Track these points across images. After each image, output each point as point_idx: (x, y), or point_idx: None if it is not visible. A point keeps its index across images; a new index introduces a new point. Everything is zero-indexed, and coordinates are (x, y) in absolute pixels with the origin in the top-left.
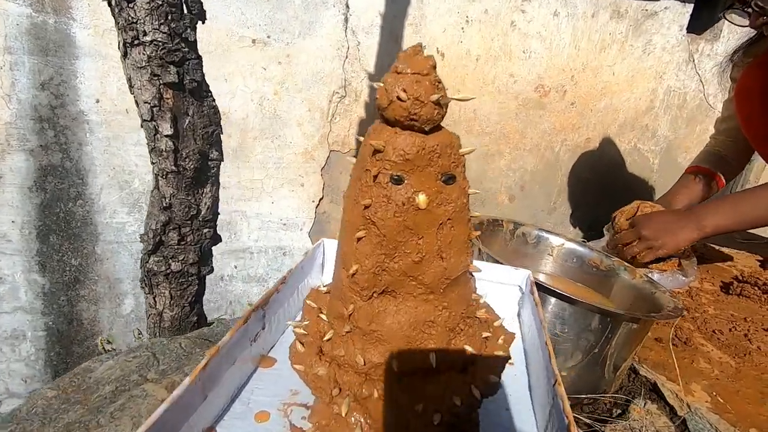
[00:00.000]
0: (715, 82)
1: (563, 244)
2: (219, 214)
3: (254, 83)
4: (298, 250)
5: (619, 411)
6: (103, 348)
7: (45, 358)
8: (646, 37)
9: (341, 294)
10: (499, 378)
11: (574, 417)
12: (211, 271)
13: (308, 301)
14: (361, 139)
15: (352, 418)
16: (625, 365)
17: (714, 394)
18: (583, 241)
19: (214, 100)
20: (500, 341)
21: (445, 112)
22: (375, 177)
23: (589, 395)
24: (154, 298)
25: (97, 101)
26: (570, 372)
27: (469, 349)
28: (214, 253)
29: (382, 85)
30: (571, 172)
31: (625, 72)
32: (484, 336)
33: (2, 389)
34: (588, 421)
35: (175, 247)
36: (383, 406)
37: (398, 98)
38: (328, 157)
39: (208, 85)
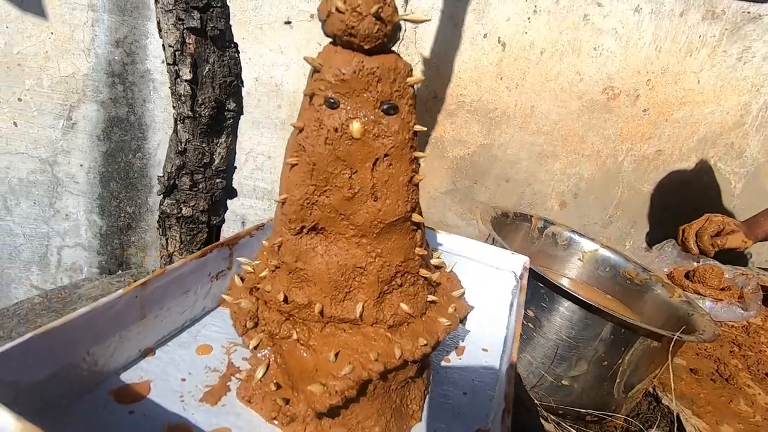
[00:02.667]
0: None
1: (596, 250)
2: (236, 167)
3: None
4: None
5: None
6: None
7: None
8: (744, 43)
9: (274, 226)
10: (429, 343)
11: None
12: (223, 222)
13: (264, 242)
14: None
15: (262, 353)
16: (641, 387)
17: None
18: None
19: (237, 52)
20: (451, 310)
21: (391, 31)
22: (310, 98)
23: (592, 411)
24: (166, 239)
25: (163, 61)
26: (573, 382)
27: (404, 307)
28: (254, 219)
29: None
30: (635, 186)
31: (713, 81)
32: (429, 300)
33: None
34: None
35: (187, 192)
36: (297, 348)
37: (337, 9)
38: None
39: (232, 35)
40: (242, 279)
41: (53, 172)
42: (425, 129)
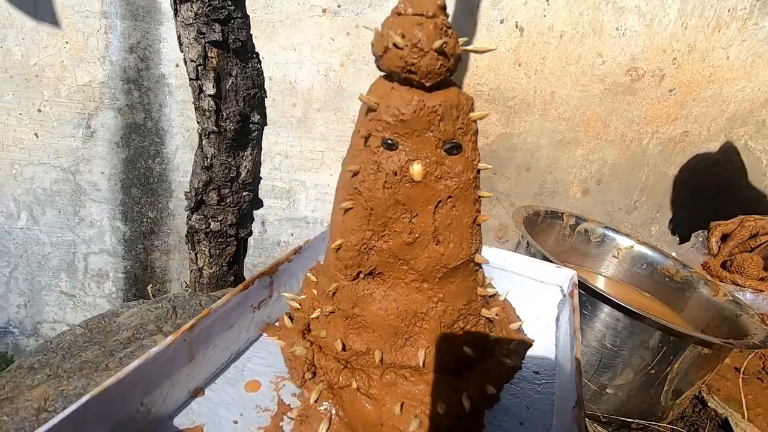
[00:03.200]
0: None
1: (632, 247)
2: (261, 178)
3: (321, 54)
4: None
5: None
6: (152, 296)
7: (123, 297)
8: None
9: (327, 270)
10: (499, 390)
11: None
12: (250, 233)
13: (309, 274)
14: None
15: (323, 407)
16: (689, 393)
17: None
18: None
19: (259, 62)
20: (512, 346)
21: (454, 65)
22: (365, 139)
23: (639, 421)
24: (195, 254)
25: (177, 66)
26: (617, 390)
27: (467, 350)
28: (272, 219)
29: (379, 29)
30: (660, 169)
31: (744, 56)
32: (491, 338)
33: None
34: None
35: (215, 207)
36: (359, 400)
37: (394, 45)
38: None
39: (254, 46)
40: (290, 318)
41: (75, 181)
42: (490, 167)
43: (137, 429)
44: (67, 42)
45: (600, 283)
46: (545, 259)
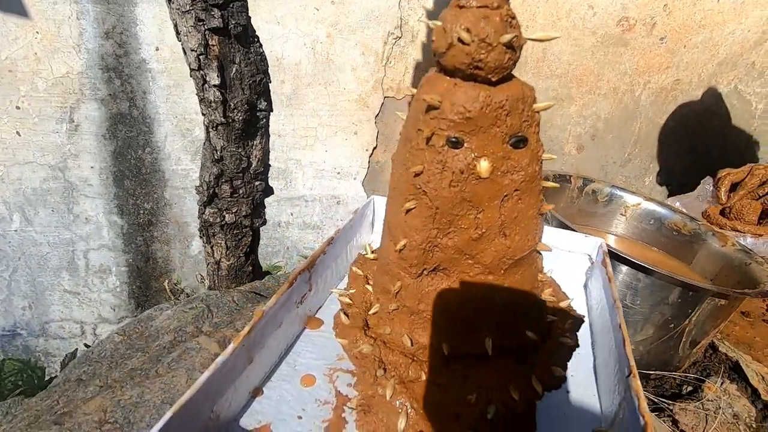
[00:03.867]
0: None
1: (639, 204)
2: (270, 165)
3: (307, 26)
4: (352, 199)
5: (690, 389)
6: (169, 290)
7: (128, 291)
8: None
9: (388, 269)
10: (565, 370)
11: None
12: (264, 222)
13: (354, 269)
14: (414, 91)
15: (398, 402)
16: (704, 342)
17: None
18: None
19: (261, 46)
20: (567, 325)
21: (518, 57)
22: (428, 139)
23: (657, 372)
24: (211, 248)
25: (157, 49)
26: (638, 346)
27: (530, 335)
28: (270, 200)
29: (439, 24)
30: (653, 120)
31: None
32: (549, 320)
33: (96, 315)
34: (654, 398)
35: (228, 199)
36: (432, 392)
37: (459, 40)
38: (383, 104)
39: (254, 30)
40: (346, 314)
41: (65, 178)
42: (554, 158)
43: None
44: (37, 32)
45: (610, 242)
46: (564, 227)
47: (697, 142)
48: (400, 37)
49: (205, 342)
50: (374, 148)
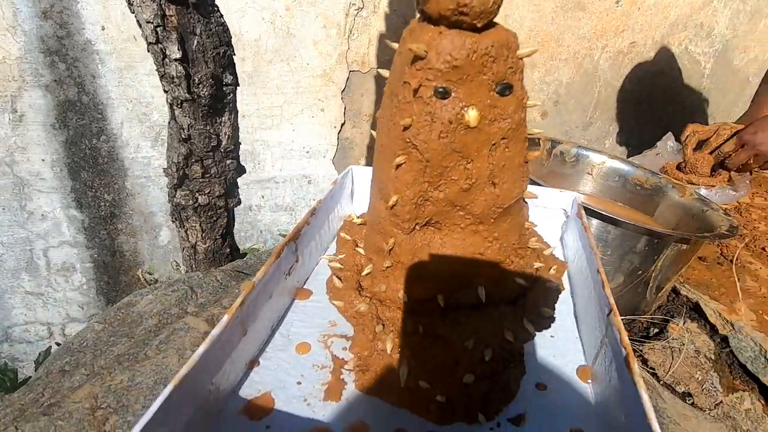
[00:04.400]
0: None
1: (604, 162)
2: (240, 143)
3: None
4: (323, 178)
5: (656, 330)
6: (144, 279)
7: (96, 287)
8: None
9: (380, 227)
10: (554, 310)
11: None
12: (239, 203)
13: (342, 234)
14: (395, 45)
15: (397, 355)
16: (668, 286)
17: (761, 312)
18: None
19: (221, 15)
20: (553, 271)
21: (501, 1)
22: (415, 91)
23: (628, 317)
24: (185, 231)
25: (103, 28)
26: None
27: (520, 281)
28: (240, 183)
29: None
30: (611, 83)
31: None
32: (535, 267)
33: (64, 315)
34: None
35: (200, 180)
36: (430, 343)
37: None
38: (348, 78)
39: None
40: (339, 278)
41: (14, 173)
42: (538, 104)
43: (212, 408)
44: None
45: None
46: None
47: (652, 102)
48: (361, 8)
49: (193, 321)
50: (342, 124)
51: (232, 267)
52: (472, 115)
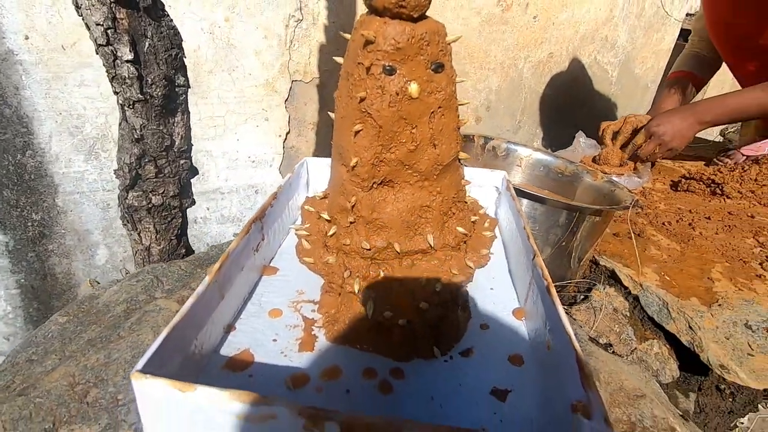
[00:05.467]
0: None
1: (531, 155)
2: (193, 144)
3: (201, 9)
4: (270, 187)
5: (582, 296)
6: (93, 287)
7: (24, 315)
8: None
9: (342, 189)
10: (489, 252)
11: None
12: (193, 203)
13: (306, 207)
14: (348, 36)
15: (362, 296)
16: (588, 256)
17: (662, 274)
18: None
19: (172, 20)
20: (486, 224)
21: None
22: (368, 69)
23: (557, 283)
24: (138, 234)
25: (27, 38)
26: None
27: (460, 230)
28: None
29: None
30: (534, 90)
31: None
32: (472, 219)
33: None
34: None
35: (154, 180)
36: (390, 282)
37: None
38: (291, 87)
39: (162, 3)
40: (307, 242)
41: None
42: (464, 80)
43: (197, 363)
44: None
45: None
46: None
47: (570, 106)
48: (301, 20)
49: (165, 303)
50: (287, 133)
51: (194, 258)
52: (413, 88)
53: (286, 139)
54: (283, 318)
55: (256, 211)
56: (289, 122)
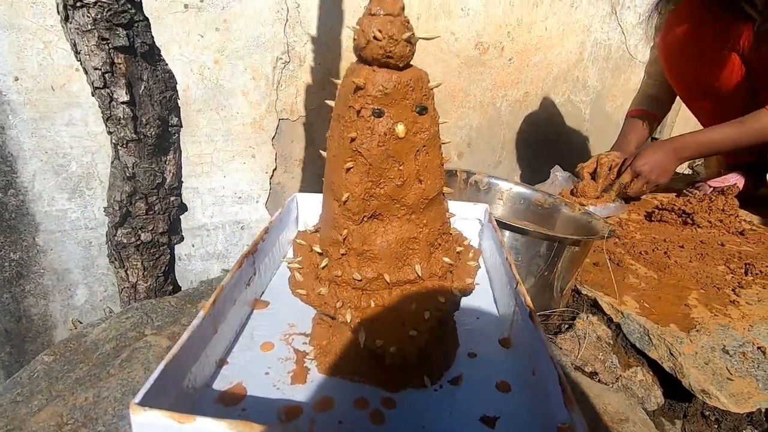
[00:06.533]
0: (636, 32)
1: (511, 189)
2: (183, 182)
3: (192, 52)
4: (256, 223)
5: (566, 326)
6: (75, 327)
7: None
8: None
9: (334, 222)
10: (473, 281)
11: (533, 306)
12: (182, 239)
13: (298, 240)
14: (338, 81)
15: (355, 326)
16: (570, 285)
17: (641, 301)
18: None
19: (167, 63)
20: (471, 254)
21: (415, 49)
22: (358, 112)
23: (541, 312)
24: (126, 271)
25: (16, 79)
26: None
27: (446, 260)
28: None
29: (358, 27)
30: (512, 126)
31: (557, 26)
32: (457, 250)
33: None
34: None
35: (144, 217)
36: (380, 312)
37: (374, 38)
38: (278, 125)
39: (159, 49)
40: (299, 274)
41: None
42: (447, 122)
43: (189, 398)
44: None
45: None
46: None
47: (546, 142)
48: (288, 62)
49: (155, 339)
50: (274, 169)
51: (183, 294)
52: (400, 129)
53: (272, 175)
54: (275, 351)
55: (249, 246)
56: (275, 159)
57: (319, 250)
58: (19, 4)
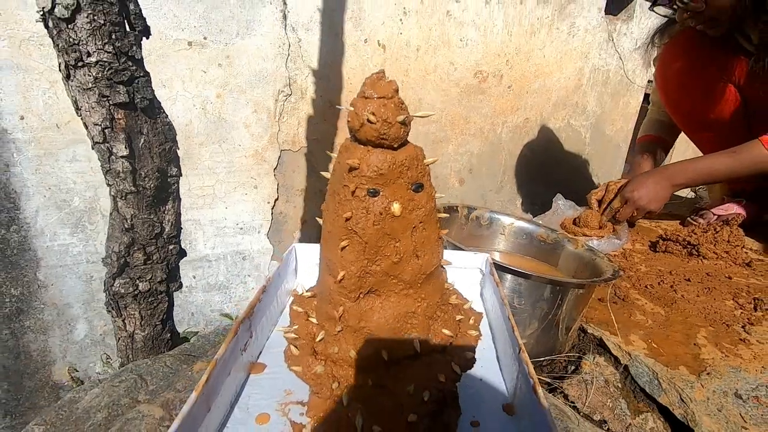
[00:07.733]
0: (633, 57)
1: (513, 223)
2: (182, 228)
3: (195, 87)
4: (258, 253)
5: (573, 367)
6: (71, 377)
7: None
8: (570, 20)
9: (330, 298)
10: (474, 353)
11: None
12: (180, 287)
13: (294, 307)
14: (333, 155)
15: (351, 407)
16: (575, 326)
17: (649, 341)
18: (530, 219)
19: (167, 116)
20: (471, 321)
21: (410, 129)
22: (353, 192)
23: (546, 357)
24: (123, 320)
25: (22, 118)
26: (529, 339)
27: (446, 332)
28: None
29: (352, 109)
30: (513, 152)
31: (554, 54)
32: (457, 319)
33: None
34: (548, 379)
35: (142, 267)
36: (378, 392)
37: (368, 121)
38: (280, 156)
39: (159, 102)
40: (295, 347)
41: None
42: (443, 196)
43: None
44: None
45: (496, 257)
46: (457, 249)
47: (547, 166)
48: (290, 95)
49: (147, 408)
50: (276, 199)
51: (180, 351)
52: (396, 208)
53: (274, 205)
54: (271, 424)
55: (244, 311)
56: (277, 189)
57: (316, 321)
58: (27, 46)
